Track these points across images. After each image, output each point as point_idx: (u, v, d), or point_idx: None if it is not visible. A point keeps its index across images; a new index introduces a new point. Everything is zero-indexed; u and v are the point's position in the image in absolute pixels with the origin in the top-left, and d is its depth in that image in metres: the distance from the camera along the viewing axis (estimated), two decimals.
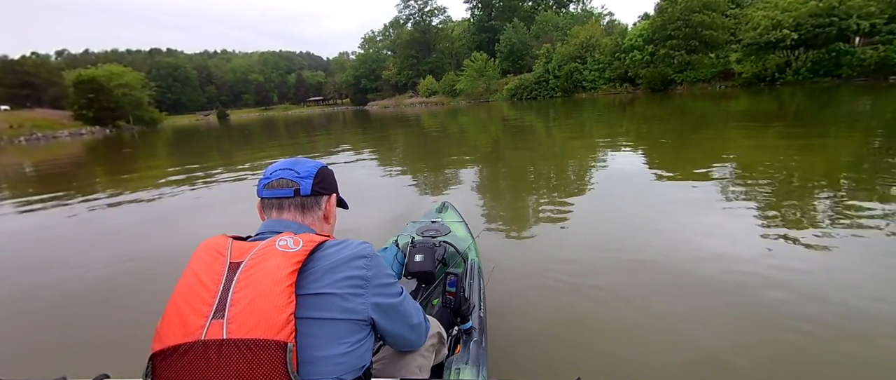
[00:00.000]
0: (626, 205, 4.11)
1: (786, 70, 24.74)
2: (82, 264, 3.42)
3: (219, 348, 0.63)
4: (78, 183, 8.32)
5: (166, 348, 0.65)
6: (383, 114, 35.90)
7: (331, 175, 0.96)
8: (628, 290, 2.35)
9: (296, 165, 0.91)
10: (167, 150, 16.30)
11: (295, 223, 0.86)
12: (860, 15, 21.67)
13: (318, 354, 0.69)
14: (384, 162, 8.57)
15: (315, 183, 0.89)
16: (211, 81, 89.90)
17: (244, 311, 0.66)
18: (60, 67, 56.93)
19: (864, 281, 2.28)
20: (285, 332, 0.65)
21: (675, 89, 30.04)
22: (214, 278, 0.70)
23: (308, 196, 0.88)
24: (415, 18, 61.69)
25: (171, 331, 0.66)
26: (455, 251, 1.92)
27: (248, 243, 0.77)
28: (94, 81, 38.01)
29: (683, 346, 1.85)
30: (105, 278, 3.12)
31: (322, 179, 0.91)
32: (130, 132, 34.46)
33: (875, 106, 11.53)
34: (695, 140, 8.32)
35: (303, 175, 0.88)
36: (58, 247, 4.08)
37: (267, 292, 0.67)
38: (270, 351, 0.63)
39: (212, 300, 0.67)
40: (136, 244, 3.92)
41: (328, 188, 0.93)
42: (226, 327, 0.64)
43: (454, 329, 1.37)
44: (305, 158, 0.96)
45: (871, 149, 6.01)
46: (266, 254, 0.72)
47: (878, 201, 3.49)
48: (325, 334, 0.70)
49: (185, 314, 0.67)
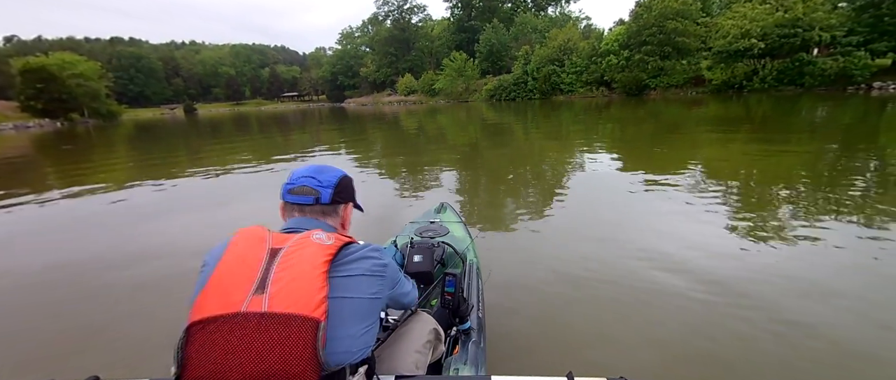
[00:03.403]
0: (618, 208, 4.15)
1: (753, 78, 25.67)
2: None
3: (259, 319, 0.70)
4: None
5: (206, 317, 0.71)
6: (361, 112, 35.26)
7: (350, 184, 1.04)
8: (625, 288, 2.43)
9: (319, 173, 0.98)
10: (120, 147, 15.04)
11: (324, 223, 0.95)
12: (822, 27, 22.69)
13: (341, 332, 0.77)
14: (365, 162, 8.22)
15: (335, 193, 0.97)
16: (178, 74, 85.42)
17: (284, 289, 0.73)
18: (9, 54, 52.74)
19: (838, 282, 2.41)
20: (320, 311, 0.73)
21: (649, 94, 30.74)
22: (256, 260, 0.77)
23: (327, 204, 0.96)
24: (394, 15, 60.82)
25: (212, 303, 0.73)
26: (453, 252, 1.90)
27: (285, 234, 0.85)
28: (44, 70, 35.03)
29: (674, 342, 1.94)
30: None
31: (342, 190, 0.99)
32: (85, 126, 31.89)
33: (831, 115, 12.28)
34: (677, 144, 8.30)
35: (324, 184, 0.96)
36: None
37: (305, 273, 0.76)
38: (306, 326, 0.70)
39: (253, 278, 0.75)
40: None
41: (346, 197, 1.01)
42: (267, 302, 0.71)
43: (453, 329, 1.37)
44: (329, 166, 1.02)
45: (831, 154, 6.31)
46: (304, 243, 0.81)
47: (836, 205, 3.76)
48: (349, 313, 0.79)
49: (228, 288, 0.74)
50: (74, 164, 10.11)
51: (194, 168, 8.25)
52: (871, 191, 4.20)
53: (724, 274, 2.49)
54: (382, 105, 49.02)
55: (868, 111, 12.73)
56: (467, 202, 4.78)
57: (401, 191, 5.55)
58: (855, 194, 4.06)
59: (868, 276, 2.46)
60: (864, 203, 3.79)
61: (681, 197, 4.24)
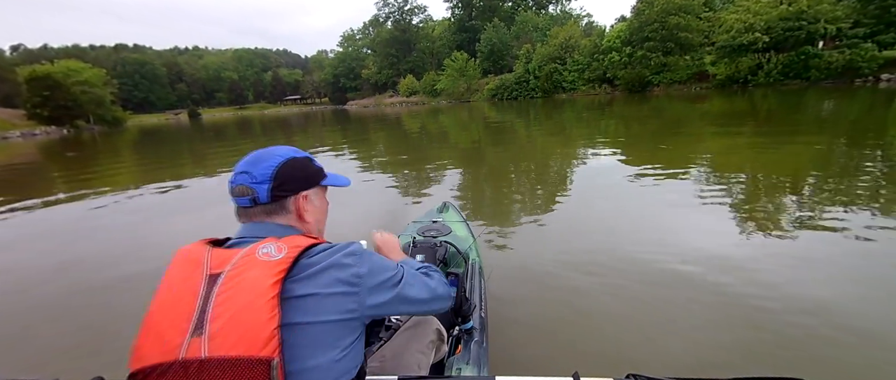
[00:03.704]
0: (622, 205, 4.13)
1: (758, 72, 25.41)
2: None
3: (199, 367, 0.60)
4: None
5: (145, 367, 0.62)
6: (363, 113, 35.31)
7: (298, 168, 0.81)
8: (632, 286, 2.39)
9: (254, 165, 0.78)
10: (125, 153, 15.16)
11: (277, 226, 0.78)
12: (827, 19, 22.42)
13: (308, 364, 0.64)
14: (368, 162, 8.22)
15: (275, 186, 0.77)
16: (181, 79, 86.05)
17: (225, 327, 0.61)
18: (15, 63, 53.22)
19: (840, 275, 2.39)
20: (270, 347, 0.60)
21: (652, 91, 30.49)
22: (192, 292, 0.65)
23: (269, 204, 0.77)
24: (394, 17, 60.86)
25: (150, 349, 0.63)
26: (456, 251, 1.89)
27: (227, 251, 0.70)
28: (50, 78, 35.32)
29: (682, 339, 1.91)
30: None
31: (284, 179, 0.78)
32: (91, 132, 32.25)
33: (838, 109, 12.14)
34: (681, 140, 8.21)
35: (258, 179, 0.76)
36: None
37: (249, 305, 0.62)
38: (255, 370, 0.59)
39: (190, 315, 0.63)
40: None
41: (295, 186, 0.80)
42: (206, 345, 0.60)
43: (455, 329, 1.36)
44: (271, 150, 0.80)
45: (839, 150, 6.23)
46: (246, 263, 0.66)
47: (845, 201, 3.69)
48: (315, 340, 0.65)
49: (163, 331, 0.63)
50: (78, 170, 10.19)
51: (198, 170, 8.28)
52: (883, 184, 4.12)
53: (731, 270, 2.44)
54: (384, 106, 49.07)
55: (876, 104, 12.54)
56: (470, 202, 4.76)
57: (403, 190, 5.54)
58: (865, 187, 3.99)
59: (884, 267, 2.42)
60: (877, 194, 3.73)
61: (686, 194, 4.22)
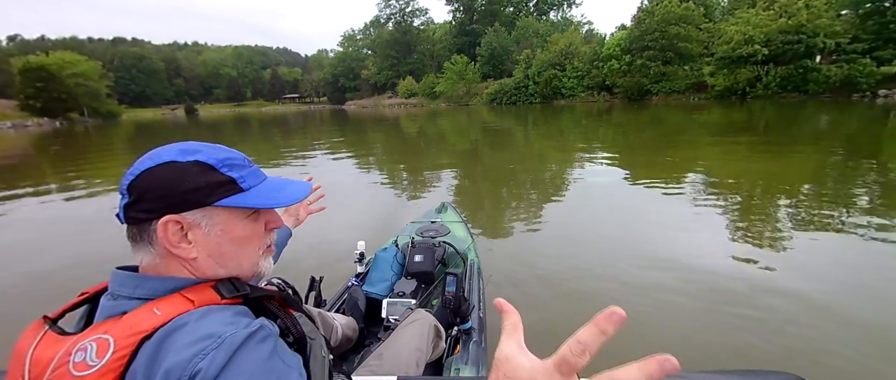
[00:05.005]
0: (620, 207, 4.19)
1: (756, 84, 25.48)
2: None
3: None
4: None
5: None
6: (361, 114, 35.21)
7: (172, 179, 0.50)
8: (630, 289, 2.41)
9: (132, 167, 0.51)
10: (114, 148, 14.88)
11: (155, 279, 0.50)
12: (827, 34, 22.53)
13: None
14: (366, 163, 8.15)
15: (134, 201, 0.50)
16: (179, 74, 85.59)
17: None
18: (11, 54, 52.88)
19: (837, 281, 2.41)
20: None
21: (651, 99, 30.53)
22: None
23: (131, 226, 0.52)
24: (396, 18, 60.87)
25: None
26: (455, 251, 1.91)
27: (57, 340, 0.46)
28: (44, 70, 35.03)
29: (680, 343, 1.92)
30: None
31: (141, 194, 0.49)
32: (84, 125, 31.79)
33: (836, 123, 12.19)
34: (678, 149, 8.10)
35: (122, 189, 0.51)
36: None
37: None
38: None
39: None
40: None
41: (157, 207, 0.49)
42: None
43: (454, 329, 1.37)
44: (161, 149, 0.52)
45: (835, 162, 6.25)
46: (59, 375, 0.42)
47: (843, 208, 3.77)
48: None
49: None
50: (64, 162, 9.93)
51: None
52: (877, 198, 4.11)
53: (729, 277, 2.46)
54: (383, 107, 48.93)
55: (874, 119, 12.53)
56: (468, 202, 4.73)
57: (401, 191, 5.50)
58: (861, 201, 3.96)
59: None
60: (872, 208, 3.72)
61: (684, 200, 4.24)
